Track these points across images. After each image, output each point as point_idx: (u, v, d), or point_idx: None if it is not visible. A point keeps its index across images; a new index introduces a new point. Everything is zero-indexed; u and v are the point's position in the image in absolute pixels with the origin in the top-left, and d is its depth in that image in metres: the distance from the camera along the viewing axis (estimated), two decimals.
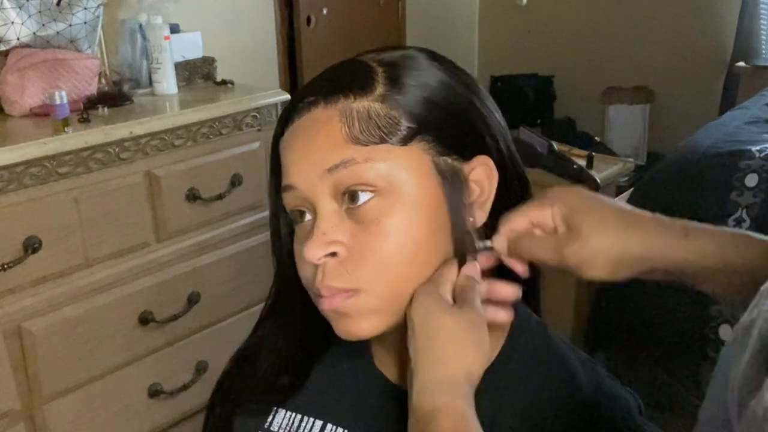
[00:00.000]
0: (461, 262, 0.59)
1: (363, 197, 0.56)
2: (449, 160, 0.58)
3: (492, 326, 0.60)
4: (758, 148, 1.98)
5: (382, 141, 0.56)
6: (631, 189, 2.30)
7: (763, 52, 3.37)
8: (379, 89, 0.57)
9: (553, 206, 0.59)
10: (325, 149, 0.56)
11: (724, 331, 1.77)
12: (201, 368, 1.70)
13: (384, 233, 0.56)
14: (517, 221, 0.59)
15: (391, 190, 0.56)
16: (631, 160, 2.46)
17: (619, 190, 2.32)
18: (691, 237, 0.55)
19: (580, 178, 2.02)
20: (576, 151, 2.24)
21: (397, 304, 0.57)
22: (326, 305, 0.57)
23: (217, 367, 0.76)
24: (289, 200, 0.60)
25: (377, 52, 0.61)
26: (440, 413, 0.51)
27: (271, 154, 0.63)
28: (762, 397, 0.29)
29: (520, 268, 0.61)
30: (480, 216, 0.60)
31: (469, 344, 0.54)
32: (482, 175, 0.60)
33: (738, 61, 3.28)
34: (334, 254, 0.56)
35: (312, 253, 0.56)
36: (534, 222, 0.59)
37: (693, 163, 2.05)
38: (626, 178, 2.69)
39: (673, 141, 2.65)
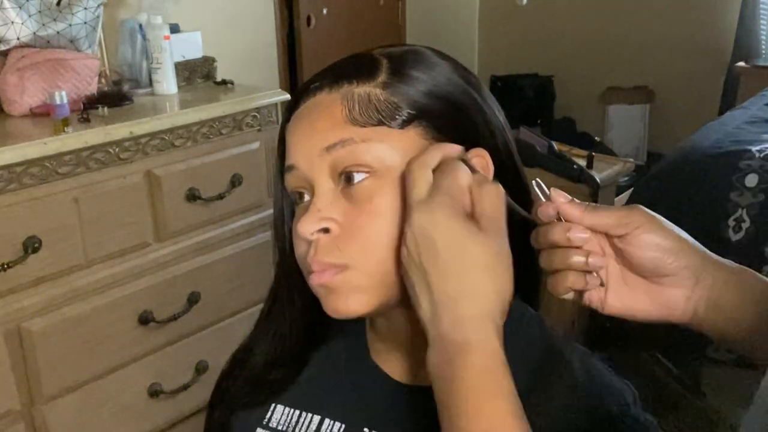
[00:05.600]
0: None
1: (358, 177, 0.57)
2: None
3: None
4: (758, 148, 1.98)
5: (380, 123, 0.57)
6: (631, 189, 2.30)
7: (763, 52, 3.37)
8: (382, 77, 0.59)
9: (630, 214, 0.57)
10: (326, 130, 0.58)
11: None
12: (201, 368, 1.70)
13: (375, 212, 0.57)
14: (607, 216, 0.57)
15: (386, 171, 0.57)
16: (631, 160, 2.46)
17: (619, 190, 2.32)
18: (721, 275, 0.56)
19: (580, 178, 2.02)
20: (576, 151, 2.24)
21: (385, 284, 0.58)
22: (316, 280, 0.59)
23: (217, 367, 0.76)
24: (290, 181, 0.61)
25: (384, 47, 0.63)
26: (473, 348, 0.50)
27: (278, 140, 0.65)
28: None
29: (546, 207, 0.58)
30: None
31: (503, 276, 0.53)
32: (477, 167, 0.60)
33: (738, 61, 3.28)
34: (327, 231, 0.58)
35: (305, 227, 0.57)
36: (613, 225, 0.57)
37: (693, 163, 2.05)
38: (626, 178, 2.68)
39: (673, 141, 2.65)
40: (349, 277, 0.57)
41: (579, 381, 0.62)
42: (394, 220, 0.57)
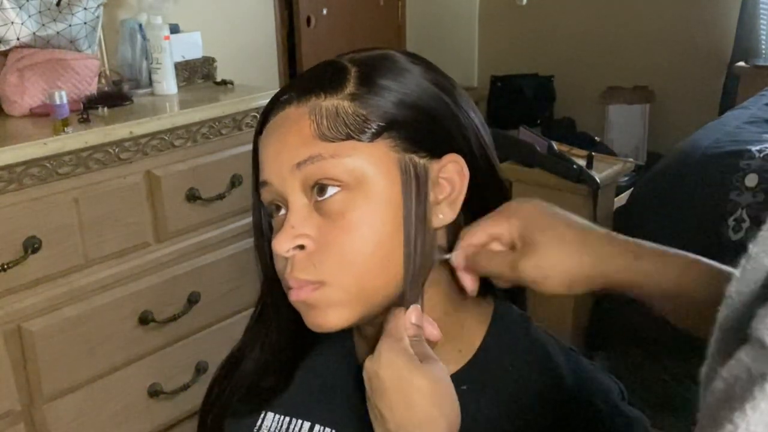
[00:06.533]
0: (413, 278, 0.59)
1: (330, 191, 0.57)
2: (416, 158, 0.59)
3: (473, 319, 0.63)
4: (758, 148, 1.98)
5: (349, 138, 0.57)
6: (631, 189, 2.30)
7: (763, 52, 3.37)
8: (350, 88, 0.59)
9: (510, 220, 0.59)
10: (295, 146, 0.58)
11: None
12: (201, 368, 1.70)
13: (348, 227, 0.57)
14: (475, 236, 0.60)
15: (357, 185, 0.57)
16: (631, 160, 2.46)
17: (619, 190, 2.32)
18: (642, 260, 0.55)
19: (580, 178, 2.02)
20: (576, 151, 2.24)
21: (362, 297, 0.58)
22: (294, 296, 0.59)
23: (216, 368, 0.76)
24: (265, 196, 0.62)
25: (356, 53, 0.63)
26: None
27: (252, 152, 0.65)
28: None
29: (470, 284, 0.61)
30: (448, 214, 0.61)
31: (447, 398, 0.55)
32: (452, 173, 0.60)
33: (738, 61, 3.28)
34: (302, 247, 0.58)
35: (280, 245, 0.58)
36: (492, 236, 0.60)
37: (693, 163, 2.04)
38: (626, 178, 2.69)
39: (673, 141, 2.65)
40: (327, 293, 0.58)
41: (566, 378, 0.63)
42: (367, 233, 0.57)
